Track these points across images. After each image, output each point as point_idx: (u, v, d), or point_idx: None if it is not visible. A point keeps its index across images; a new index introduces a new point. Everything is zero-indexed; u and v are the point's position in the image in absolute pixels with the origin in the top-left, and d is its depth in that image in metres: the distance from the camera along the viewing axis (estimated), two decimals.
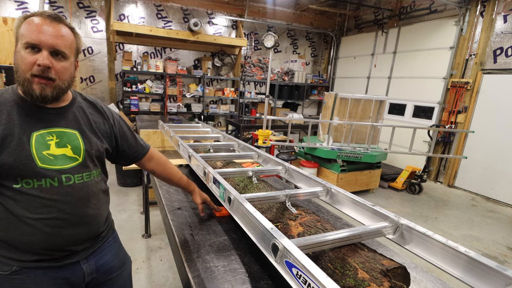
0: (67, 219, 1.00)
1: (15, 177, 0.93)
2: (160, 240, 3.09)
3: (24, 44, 0.89)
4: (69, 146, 1.01)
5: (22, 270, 0.99)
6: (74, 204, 1.01)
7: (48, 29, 0.90)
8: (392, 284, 0.78)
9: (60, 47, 0.92)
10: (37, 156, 0.94)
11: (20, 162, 0.92)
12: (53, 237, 0.99)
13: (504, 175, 4.95)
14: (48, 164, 0.96)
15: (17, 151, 0.92)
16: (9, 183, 0.93)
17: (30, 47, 0.89)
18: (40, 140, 0.96)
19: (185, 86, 7.29)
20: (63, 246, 1.03)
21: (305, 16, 8.06)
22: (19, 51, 0.91)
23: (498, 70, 5.02)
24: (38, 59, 0.89)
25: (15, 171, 0.92)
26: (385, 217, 1.03)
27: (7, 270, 0.98)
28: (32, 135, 0.95)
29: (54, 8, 5.95)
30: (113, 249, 1.22)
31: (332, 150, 4.59)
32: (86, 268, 1.10)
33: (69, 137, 1.02)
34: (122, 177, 4.54)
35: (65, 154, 1.00)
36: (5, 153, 0.90)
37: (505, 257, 3.32)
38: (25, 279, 0.99)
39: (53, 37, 0.91)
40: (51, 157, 0.97)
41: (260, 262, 1.12)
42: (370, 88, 7.39)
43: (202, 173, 1.51)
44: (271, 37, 3.85)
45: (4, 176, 0.92)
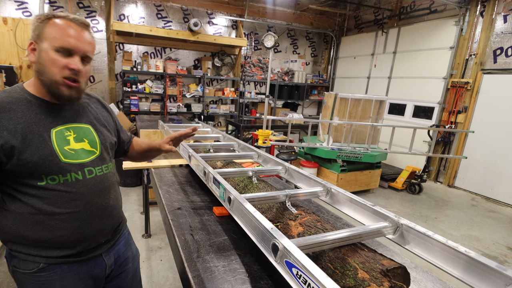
0: (93, 210, 1.04)
1: (39, 175, 0.94)
2: (160, 240, 3.09)
3: (56, 47, 0.91)
4: (86, 140, 1.05)
5: (49, 266, 1.01)
6: (98, 195, 1.05)
7: (80, 35, 0.95)
8: (392, 284, 0.78)
9: (90, 53, 0.99)
10: (60, 151, 0.97)
11: (46, 158, 0.94)
12: (83, 230, 1.02)
13: (504, 175, 4.95)
14: (71, 159, 0.99)
15: (40, 148, 0.93)
16: (34, 181, 0.94)
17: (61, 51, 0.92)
18: (60, 136, 0.99)
19: (185, 86, 7.29)
20: (91, 237, 1.06)
21: (305, 16, 8.06)
22: (46, 52, 0.92)
23: (498, 70, 5.02)
24: (70, 63, 0.93)
25: (41, 168, 0.93)
26: (385, 217, 1.04)
27: (33, 268, 0.99)
28: (52, 132, 0.97)
29: (54, 8, 5.95)
30: (127, 241, 1.27)
31: (332, 150, 4.59)
32: (107, 260, 1.14)
33: (84, 131, 1.06)
34: (122, 177, 4.54)
35: (84, 148, 1.04)
36: (29, 151, 0.91)
37: (505, 257, 3.32)
38: (51, 275, 1.01)
39: (85, 43, 0.97)
40: (72, 151, 1.00)
41: (260, 262, 1.12)
42: (370, 88, 7.39)
43: (202, 173, 1.51)
44: (271, 37, 3.85)
45: (29, 174, 0.93)
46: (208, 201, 1.68)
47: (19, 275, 1.03)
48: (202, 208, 1.59)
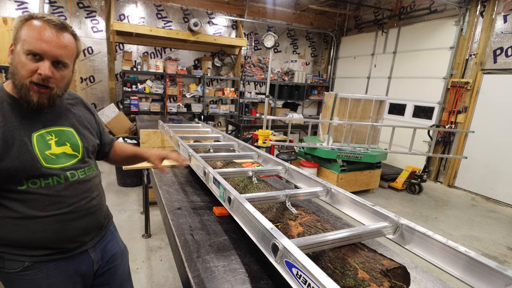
0: (76, 212, 1.03)
1: (20, 179, 0.92)
2: (160, 240, 3.09)
3: (26, 50, 0.88)
4: (68, 144, 1.04)
5: (34, 265, 1.00)
6: (81, 197, 1.04)
7: (53, 38, 0.89)
8: (392, 284, 0.78)
9: (63, 57, 0.92)
10: (41, 156, 0.95)
11: (27, 163, 0.91)
12: (65, 231, 1.01)
13: (504, 175, 4.95)
14: (52, 164, 0.97)
15: (21, 154, 0.91)
16: (14, 185, 0.92)
17: (31, 54, 0.88)
18: (41, 140, 0.96)
19: (185, 86, 7.29)
20: (74, 238, 1.05)
21: (305, 16, 8.06)
22: (18, 54, 0.89)
23: (498, 70, 5.02)
24: (39, 67, 0.88)
25: (21, 173, 0.91)
26: (385, 217, 1.03)
27: (18, 268, 0.98)
28: (33, 136, 0.95)
29: (54, 8, 5.95)
30: (114, 237, 1.28)
31: (332, 150, 4.59)
32: (94, 257, 1.14)
33: (67, 135, 1.04)
34: (122, 177, 4.54)
35: (65, 152, 1.02)
36: (9, 157, 0.89)
37: (505, 257, 3.32)
38: (37, 273, 1.00)
39: (57, 47, 0.90)
40: (53, 156, 0.98)
41: (260, 262, 1.12)
42: (370, 88, 7.39)
43: (202, 173, 1.51)
44: (271, 37, 3.85)
45: (9, 179, 0.91)
46: (208, 201, 1.68)
47: (5, 275, 1.00)
48: (202, 208, 1.59)
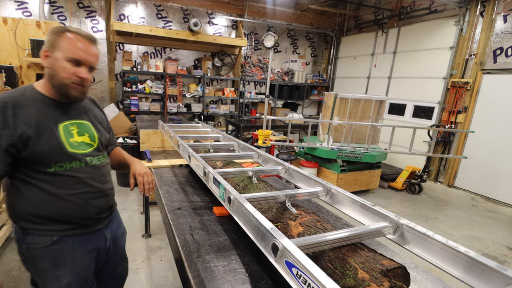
0: (94, 192, 1.23)
1: (49, 162, 1.11)
2: (160, 240, 3.09)
3: (67, 57, 1.10)
4: (87, 134, 1.24)
5: (62, 239, 1.18)
6: (98, 180, 1.25)
7: (88, 49, 1.14)
8: (392, 284, 0.78)
9: (94, 64, 1.18)
10: (67, 143, 1.15)
11: (55, 148, 1.11)
12: (86, 208, 1.21)
13: (504, 175, 4.95)
14: (75, 149, 1.17)
15: (51, 140, 1.11)
16: (43, 168, 1.11)
17: (72, 61, 1.10)
18: (66, 130, 1.17)
19: (185, 86, 7.29)
20: (93, 215, 1.25)
21: (305, 16, 8.06)
22: (59, 60, 1.10)
23: (498, 70, 5.02)
24: (80, 72, 1.12)
25: (50, 157, 1.11)
26: (385, 217, 1.04)
27: (47, 242, 1.15)
28: (59, 126, 1.15)
29: (54, 8, 5.95)
30: (118, 219, 1.50)
31: (332, 150, 4.59)
32: (107, 235, 1.34)
33: (85, 127, 1.25)
34: (122, 177, 4.54)
35: (84, 141, 1.22)
36: (41, 142, 1.08)
37: (505, 257, 3.32)
38: (64, 247, 1.18)
39: (91, 56, 1.15)
40: (76, 143, 1.18)
41: (260, 262, 1.12)
42: (370, 88, 7.39)
43: (202, 173, 1.51)
44: (271, 37, 3.85)
45: (39, 162, 1.10)
46: (208, 201, 1.68)
47: (32, 251, 1.15)
48: (202, 208, 1.59)
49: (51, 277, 1.18)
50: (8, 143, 1.03)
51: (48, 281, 1.18)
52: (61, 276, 1.18)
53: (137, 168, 1.46)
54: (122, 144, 4.33)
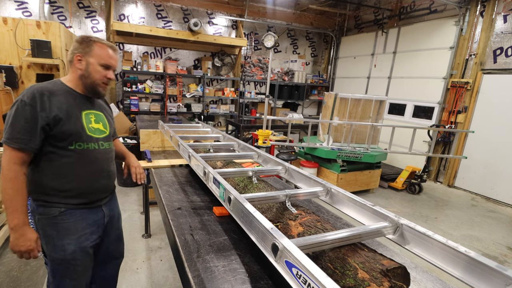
0: (102, 172, 1.48)
1: (71, 141, 1.35)
2: (160, 240, 3.09)
3: (101, 63, 1.39)
4: (101, 123, 1.49)
5: (67, 211, 1.39)
6: (106, 162, 1.50)
7: (115, 57, 1.46)
8: (392, 284, 0.78)
9: (117, 68, 1.51)
10: (86, 127, 1.40)
11: (78, 130, 1.36)
12: (94, 185, 1.45)
13: (504, 175, 4.95)
14: (92, 133, 1.42)
15: (76, 123, 1.36)
16: (66, 144, 1.34)
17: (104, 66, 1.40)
18: (87, 117, 1.42)
19: (185, 86, 7.29)
20: (97, 192, 1.48)
21: (305, 16, 8.06)
22: (93, 65, 1.39)
23: (498, 70, 5.02)
24: (109, 74, 1.44)
25: (73, 136, 1.35)
26: (385, 217, 1.04)
27: (55, 213, 1.36)
28: (82, 113, 1.41)
29: (54, 8, 5.95)
30: (116, 200, 1.71)
31: (332, 150, 4.59)
32: (105, 211, 1.56)
33: (100, 117, 1.50)
34: (122, 177, 4.54)
35: (99, 128, 1.47)
36: (68, 123, 1.33)
37: (505, 257, 3.32)
38: (68, 218, 1.39)
39: (116, 62, 1.47)
40: (93, 128, 1.44)
41: (260, 262, 1.12)
42: (370, 88, 7.39)
43: (202, 173, 1.51)
44: (271, 37, 3.85)
45: (64, 139, 1.33)
46: (208, 201, 1.68)
47: (43, 221, 1.37)
48: (202, 208, 1.59)
49: (57, 245, 1.38)
50: (44, 123, 1.27)
51: (54, 249, 1.38)
52: (65, 245, 1.38)
53: (131, 161, 1.77)
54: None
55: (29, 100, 1.25)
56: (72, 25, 6.13)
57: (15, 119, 1.25)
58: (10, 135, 1.25)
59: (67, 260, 1.39)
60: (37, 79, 4.54)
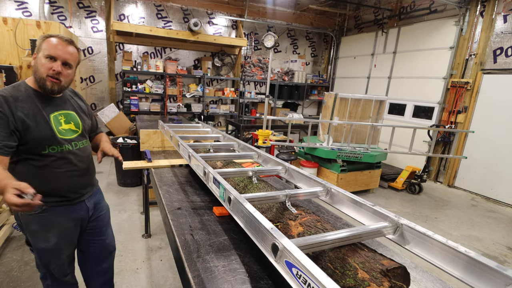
0: (79, 170, 1.50)
1: (44, 146, 1.36)
2: (160, 240, 3.09)
3: (45, 55, 1.32)
4: (72, 122, 1.49)
5: (49, 208, 1.44)
6: (82, 160, 1.52)
7: (63, 48, 1.35)
8: (392, 284, 0.78)
9: (70, 60, 1.38)
10: (56, 130, 1.40)
11: (49, 134, 1.36)
12: (72, 184, 1.49)
13: (504, 175, 4.95)
14: (63, 136, 1.43)
15: (45, 128, 1.36)
16: (39, 150, 1.35)
17: (49, 58, 1.33)
18: (55, 119, 1.42)
19: (185, 86, 7.29)
20: (76, 190, 1.52)
21: (305, 16, 8.06)
22: (39, 58, 1.33)
23: (498, 70, 5.02)
24: (53, 66, 1.33)
25: (45, 141, 1.36)
26: (385, 217, 1.03)
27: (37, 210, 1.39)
28: (50, 116, 1.40)
29: (54, 8, 5.95)
30: (101, 193, 1.78)
31: (332, 150, 4.59)
32: (89, 205, 1.62)
33: (71, 116, 1.50)
34: (122, 177, 4.54)
35: (71, 128, 1.48)
36: (38, 129, 1.33)
37: (505, 257, 3.32)
38: (51, 214, 1.45)
39: (66, 53, 1.36)
40: (64, 130, 1.44)
41: (260, 262, 1.12)
42: (370, 88, 7.39)
43: (202, 173, 1.51)
44: (271, 37, 3.85)
45: (37, 145, 1.34)
46: (208, 201, 1.68)
47: (26, 217, 1.43)
48: (202, 208, 1.59)
49: (41, 237, 1.46)
50: (12, 127, 1.27)
51: (38, 241, 1.46)
52: (49, 237, 1.47)
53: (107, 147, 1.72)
54: (122, 144, 4.33)
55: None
56: (72, 25, 6.13)
57: None
58: None
59: (51, 250, 1.49)
60: None
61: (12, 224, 2.91)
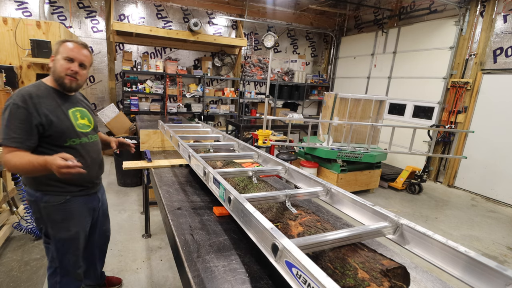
0: (94, 162, 1.69)
1: (64, 138, 1.53)
2: (160, 240, 3.09)
3: (64, 57, 1.51)
4: (86, 118, 1.68)
5: (72, 198, 1.61)
6: (96, 152, 1.71)
7: (80, 51, 1.54)
8: (392, 284, 0.78)
9: (85, 62, 1.58)
10: (75, 124, 1.59)
11: (68, 128, 1.54)
12: (89, 173, 1.61)
13: (504, 175, 4.95)
14: (80, 129, 1.61)
15: (65, 122, 1.54)
16: (61, 142, 1.53)
17: (67, 59, 1.51)
18: (73, 115, 1.60)
19: (185, 86, 7.29)
20: (92, 179, 1.71)
21: (305, 16, 8.06)
22: (58, 60, 1.51)
23: (498, 70, 5.02)
24: (71, 66, 1.52)
25: (66, 134, 1.53)
26: (385, 217, 1.04)
27: (62, 200, 1.57)
28: (69, 111, 1.58)
29: (54, 8, 5.95)
30: (103, 187, 1.96)
31: (332, 150, 4.59)
32: (100, 197, 1.84)
33: (84, 112, 1.68)
34: (122, 177, 4.54)
35: (85, 123, 1.66)
36: (59, 124, 1.50)
37: (505, 257, 3.32)
38: (72, 205, 1.61)
39: (82, 56, 1.55)
40: (80, 124, 1.62)
41: (260, 262, 1.12)
42: (370, 88, 7.39)
43: (202, 173, 1.51)
44: (271, 37, 3.85)
45: (59, 138, 1.51)
46: (208, 201, 1.68)
47: (49, 208, 1.55)
48: (202, 208, 1.59)
49: (62, 227, 1.60)
50: (37, 122, 1.42)
51: (60, 230, 1.60)
52: (70, 227, 1.62)
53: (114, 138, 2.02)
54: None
55: (21, 102, 1.39)
56: (72, 25, 6.13)
57: (9, 121, 1.38)
58: (7, 135, 1.38)
59: (71, 239, 1.64)
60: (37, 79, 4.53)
61: (12, 224, 2.91)
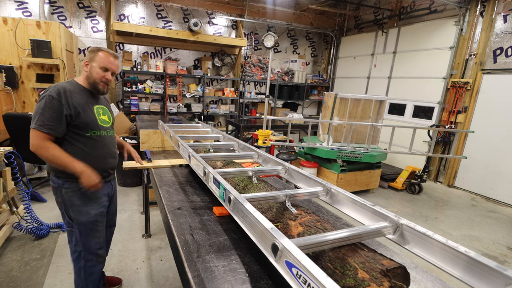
0: (110, 153, 1.87)
1: (87, 129, 1.73)
2: (160, 240, 3.09)
3: (101, 66, 1.74)
4: (106, 115, 1.88)
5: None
6: (112, 145, 1.90)
7: (114, 62, 1.79)
8: (392, 284, 0.78)
9: (115, 71, 1.83)
10: (98, 118, 1.79)
11: (92, 121, 1.74)
12: (105, 164, 1.85)
13: (504, 175, 4.95)
14: (102, 123, 1.81)
15: (90, 115, 1.74)
16: (84, 132, 1.72)
17: (103, 69, 1.75)
18: (96, 110, 1.80)
19: (185, 86, 7.29)
20: (107, 169, 1.88)
21: (305, 16, 8.06)
22: (95, 68, 1.74)
23: (498, 70, 5.02)
24: (106, 76, 1.77)
25: (89, 125, 1.73)
26: (385, 217, 1.04)
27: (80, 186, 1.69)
28: (94, 107, 1.79)
29: (54, 8, 5.95)
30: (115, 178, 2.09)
31: (332, 150, 4.59)
32: (113, 185, 2.02)
33: (106, 110, 1.89)
34: (122, 177, 4.54)
35: (105, 119, 1.85)
36: (86, 115, 1.71)
37: (505, 257, 3.32)
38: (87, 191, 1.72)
39: (115, 66, 1.80)
40: (102, 119, 1.82)
41: (260, 262, 1.12)
42: (370, 88, 7.39)
43: (202, 173, 1.51)
44: (271, 37, 3.85)
45: (83, 128, 1.70)
46: (208, 201, 1.68)
47: (70, 193, 1.72)
48: (202, 208, 1.59)
49: (82, 211, 1.76)
50: (67, 112, 1.62)
51: (80, 214, 1.76)
52: (89, 210, 1.78)
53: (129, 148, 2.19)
54: None
55: (56, 95, 1.60)
56: (72, 25, 6.13)
57: (44, 109, 1.58)
58: (41, 122, 1.57)
59: (91, 222, 1.79)
60: (37, 79, 4.54)
61: (12, 224, 2.91)
